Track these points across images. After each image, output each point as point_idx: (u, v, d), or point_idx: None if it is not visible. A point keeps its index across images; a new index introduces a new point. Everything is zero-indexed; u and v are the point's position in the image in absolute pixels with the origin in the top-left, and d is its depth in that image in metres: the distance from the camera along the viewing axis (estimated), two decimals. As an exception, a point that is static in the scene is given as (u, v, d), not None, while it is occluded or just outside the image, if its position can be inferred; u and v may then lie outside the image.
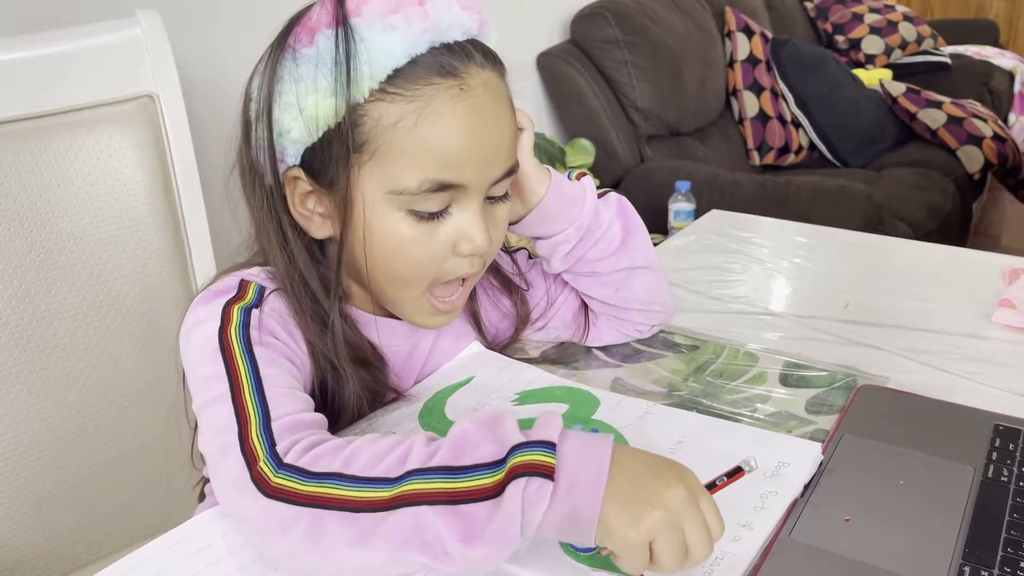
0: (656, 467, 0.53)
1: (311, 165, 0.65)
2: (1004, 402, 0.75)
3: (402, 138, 0.62)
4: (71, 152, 0.93)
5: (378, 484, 0.52)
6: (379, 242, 0.65)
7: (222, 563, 0.58)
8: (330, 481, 0.52)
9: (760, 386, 0.79)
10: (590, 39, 2.44)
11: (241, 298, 0.64)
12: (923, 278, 1.03)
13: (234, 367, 0.60)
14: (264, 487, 0.53)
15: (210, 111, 1.31)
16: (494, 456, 0.52)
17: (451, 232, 0.66)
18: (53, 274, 0.92)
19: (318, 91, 0.61)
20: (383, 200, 0.64)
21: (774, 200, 2.13)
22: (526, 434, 0.53)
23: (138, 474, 1.00)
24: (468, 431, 0.54)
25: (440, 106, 0.62)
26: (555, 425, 0.53)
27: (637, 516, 0.50)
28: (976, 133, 2.64)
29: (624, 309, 0.83)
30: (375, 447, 0.54)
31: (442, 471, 0.51)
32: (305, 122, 0.62)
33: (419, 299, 0.69)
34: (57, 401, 0.93)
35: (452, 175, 0.63)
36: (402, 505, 0.51)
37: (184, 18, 1.50)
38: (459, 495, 0.51)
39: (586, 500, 0.50)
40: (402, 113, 0.61)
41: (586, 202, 0.77)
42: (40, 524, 0.94)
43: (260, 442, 0.55)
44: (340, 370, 0.68)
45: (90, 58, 0.96)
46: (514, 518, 0.50)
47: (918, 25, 3.46)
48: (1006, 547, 0.57)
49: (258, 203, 0.67)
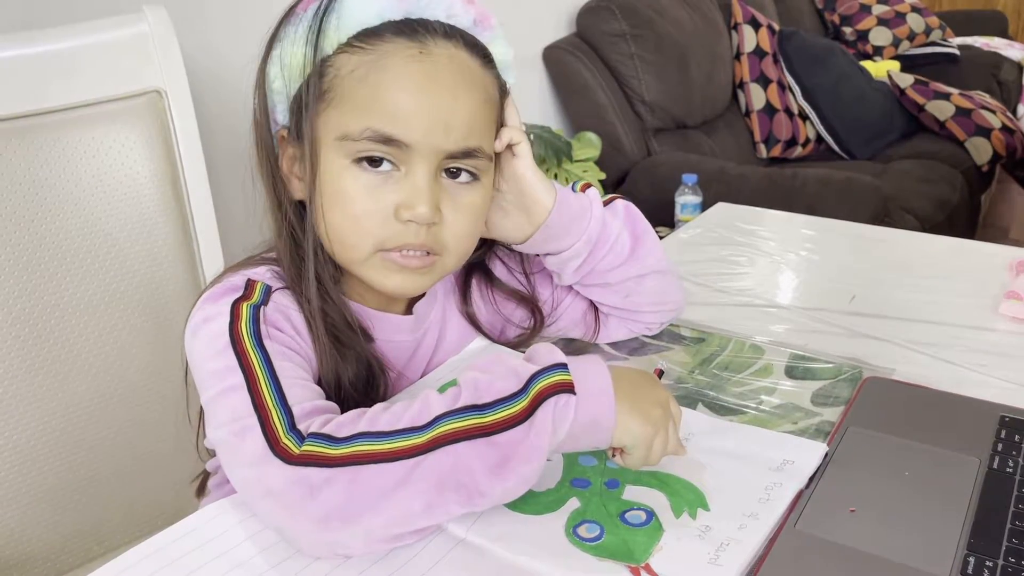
0: (637, 376, 0.64)
1: (291, 122, 0.67)
2: (1010, 394, 0.75)
3: (354, 86, 0.64)
4: (79, 148, 0.94)
5: (409, 433, 0.55)
6: (328, 194, 0.66)
7: (232, 553, 0.58)
8: (360, 440, 0.54)
9: (766, 378, 0.79)
10: (596, 32, 2.44)
11: (248, 297, 0.65)
12: (929, 270, 1.03)
13: (247, 360, 0.60)
14: (289, 457, 0.54)
15: (217, 106, 1.32)
16: (514, 388, 0.57)
17: (395, 195, 0.65)
18: (62, 269, 0.93)
19: (295, 44, 0.65)
20: (333, 147, 0.65)
21: (781, 193, 2.13)
22: (533, 360, 0.59)
23: (148, 467, 1.01)
24: (477, 376, 0.58)
25: (394, 61, 0.64)
26: (555, 350, 0.59)
27: (645, 414, 0.60)
28: (984, 125, 2.63)
29: (635, 312, 0.84)
30: (391, 409, 0.57)
31: (471, 409, 0.56)
32: (284, 73, 0.66)
33: (369, 260, 0.67)
34: (67, 395, 0.94)
35: (396, 130, 0.63)
36: (439, 446, 0.54)
37: (190, 13, 1.50)
38: (492, 427, 0.55)
39: (603, 406, 0.58)
40: (358, 63, 0.64)
41: (593, 214, 0.76)
42: (51, 518, 0.95)
43: (280, 423, 0.56)
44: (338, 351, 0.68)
45: (98, 54, 0.96)
46: (546, 434, 0.56)
47: (926, 16, 3.45)
48: (1011, 538, 0.57)
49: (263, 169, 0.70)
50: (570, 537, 0.58)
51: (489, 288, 0.81)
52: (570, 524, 0.59)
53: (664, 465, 0.65)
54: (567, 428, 0.57)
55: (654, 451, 0.60)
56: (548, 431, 0.56)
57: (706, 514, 0.60)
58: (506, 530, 0.58)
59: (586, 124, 2.41)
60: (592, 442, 0.59)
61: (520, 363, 0.59)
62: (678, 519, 0.59)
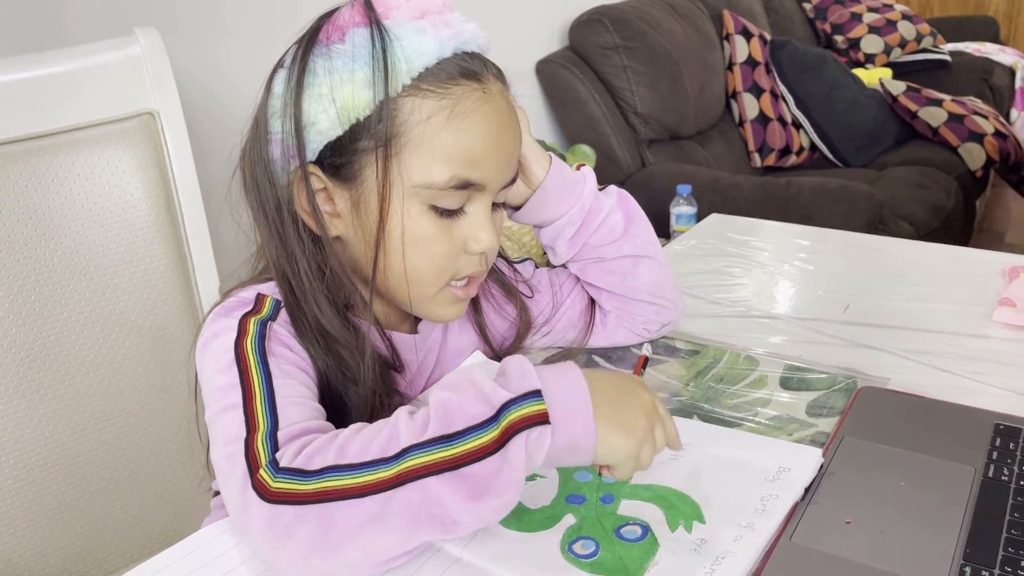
0: (617, 384, 0.61)
1: (329, 160, 0.65)
2: (1005, 401, 0.75)
3: (434, 133, 0.64)
4: (73, 171, 0.94)
5: (376, 466, 0.54)
6: (398, 236, 0.66)
7: (233, 573, 0.58)
8: (329, 475, 0.54)
9: (761, 390, 0.79)
10: (588, 45, 2.45)
11: (258, 311, 0.65)
12: (923, 278, 1.04)
13: (248, 377, 0.61)
14: (265, 493, 0.54)
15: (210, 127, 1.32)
16: (484, 415, 0.55)
17: (464, 230, 0.68)
18: (57, 292, 0.93)
19: (354, 83, 0.63)
20: (407, 194, 0.65)
21: (776, 202, 2.13)
22: (503, 384, 0.56)
23: (146, 489, 1.01)
24: (447, 398, 0.56)
25: (469, 105, 0.64)
26: (529, 371, 0.57)
27: (629, 428, 0.58)
28: (977, 130, 2.64)
29: (633, 301, 0.84)
30: (362, 434, 0.56)
31: (439, 441, 0.54)
32: (336, 113, 0.63)
33: (438, 295, 0.70)
34: (63, 418, 0.94)
35: (476, 173, 0.65)
36: (406, 481, 0.53)
37: (183, 35, 1.51)
38: (461, 458, 0.54)
39: (581, 430, 0.56)
40: (434, 109, 0.64)
41: (587, 186, 0.80)
42: (49, 541, 0.94)
43: (264, 449, 0.56)
44: (357, 377, 0.68)
45: (90, 77, 0.97)
46: (519, 468, 0.54)
47: (917, 23, 3.46)
48: (1007, 547, 0.57)
49: (267, 204, 0.67)
50: (565, 554, 0.58)
51: (489, 289, 0.82)
52: (565, 541, 0.59)
53: (660, 478, 0.65)
54: (543, 455, 0.55)
55: (642, 461, 0.59)
56: (522, 464, 0.54)
57: (702, 527, 0.60)
58: (502, 549, 0.58)
59: (580, 136, 2.42)
60: (574, 462, 0.58)
61: (491, 387, 0.56)
62: (674, 533, 0.59)
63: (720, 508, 0.61)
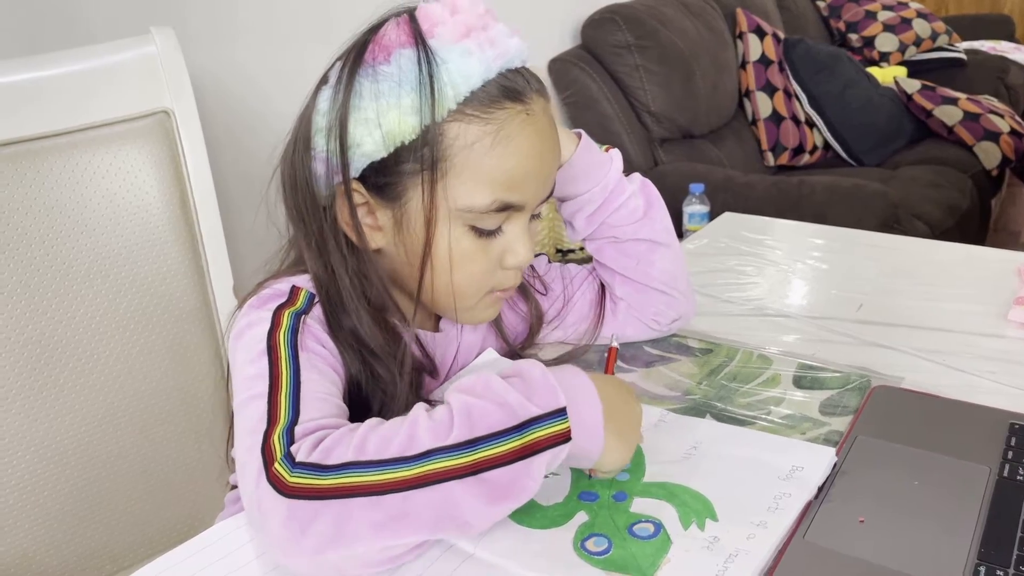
0: (618, 391, 0.65)
1: (372, 179, 0.66)
2: (1020, 400, 0.75)
3: (479, 158, 0.64)
4: (90, 169, 0.95)
5: (396, 464, 0.54)
6: (442, 255, 0.67)
7: (245, 569, 0.59)
8: (349, 471, 0.54)
9: (774, 389, 0.79)
10: (601, 44, 2.45)
11: (292, 303, 0.66)
12: (938, 277, 1.03)
13: (277, 368, 0.61)
14: (281, 487, 0.53)
15: (225, 125, 1.33)
16: (508, 423, 0.56)
17: (502, 247, 0.69)
18: (73, 290, 0.94)
19: (401, 108, 0.63)
20: (450, 216, 0.66)
21: (789, 201, 2.12)
22: (527, 394, 0.58)
23: (162, 486, 1.02)
24: (470, 403, 0.57)
25: (512, 129, 0.65)
26: (553, 386, 0.58)
27: (628, 440, 0.63)
28: (993, 129, 2.62)
29: (646, 288, 0.85)
30: (380, 431, 0.56)
31: (463, 446, 0.55)
32: (381, 137, 0.64)
33: (478, 304, 0.72)
34: (79, 415, 0.95)
35: (516, 196, 0.66)
36: (430, 483, 0.53)
37: (198, 34, 1.52)
38: (483, 463, 0.55)
39: (593, 443, 0.60)
40: (479, 135, 0.64)
41: (613, 167, 0.82)
42: (65, 536, 0.95)
43: (280, 443, 0.56)
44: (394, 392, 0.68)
45: (106, 76, 0.98)
46: (539, 478, 0.57)
47: (932, 21, 3.44)
48: (1022, 547, 0.57)
49: (308, 215, 0.68)
50: (578, 551, 0.58)
51: None
52: (578, 538, 0.59)
53: (672, 475, 0.65)
54: (557, 464, 0.58)
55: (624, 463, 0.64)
56: (541, 476, 0.57)
57: (714, 524, 0.60)
58: (514, 545, 0.59)
59: (593, 135, 2.37)
60: (574, 464, 0.62)
61: (517, 399, 0.57)
62: (686, 530, 0.59)
63: (733, 506, 0.61)
